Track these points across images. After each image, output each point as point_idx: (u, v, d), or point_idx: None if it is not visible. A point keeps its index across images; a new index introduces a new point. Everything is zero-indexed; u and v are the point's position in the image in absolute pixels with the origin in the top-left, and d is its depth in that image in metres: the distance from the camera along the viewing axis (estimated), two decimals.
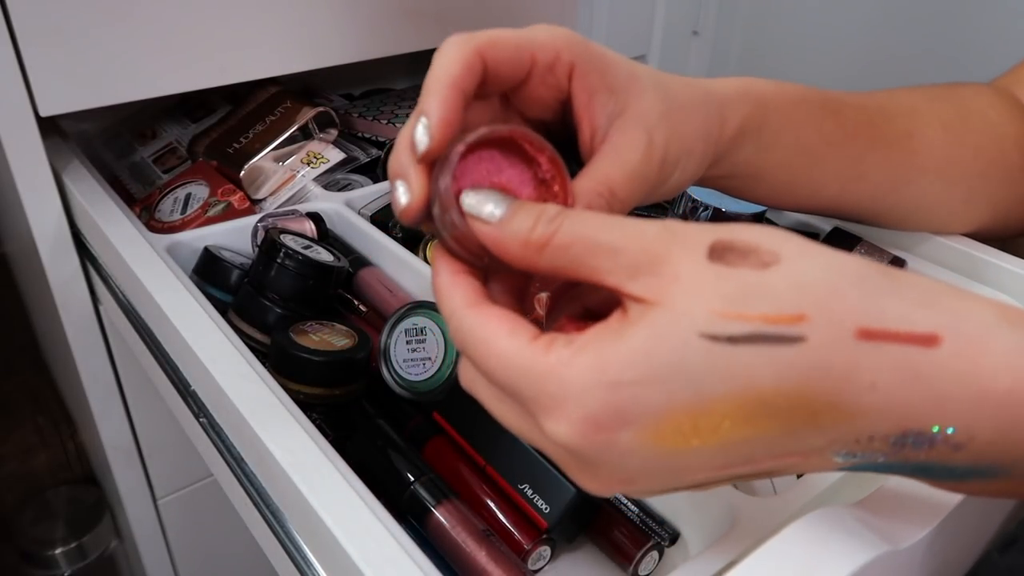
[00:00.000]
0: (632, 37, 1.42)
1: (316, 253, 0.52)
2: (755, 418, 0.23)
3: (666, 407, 0.23)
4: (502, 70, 0.30)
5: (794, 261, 0.23)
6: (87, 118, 0.79)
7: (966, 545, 0.38)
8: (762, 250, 0.24)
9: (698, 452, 0.23)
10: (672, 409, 0.23)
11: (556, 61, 0.31)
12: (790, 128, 0.39)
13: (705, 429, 0.23)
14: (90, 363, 0.67)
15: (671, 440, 0.23)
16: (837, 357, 0.22)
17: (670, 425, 0.23)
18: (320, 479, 0.35)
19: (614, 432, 0.23)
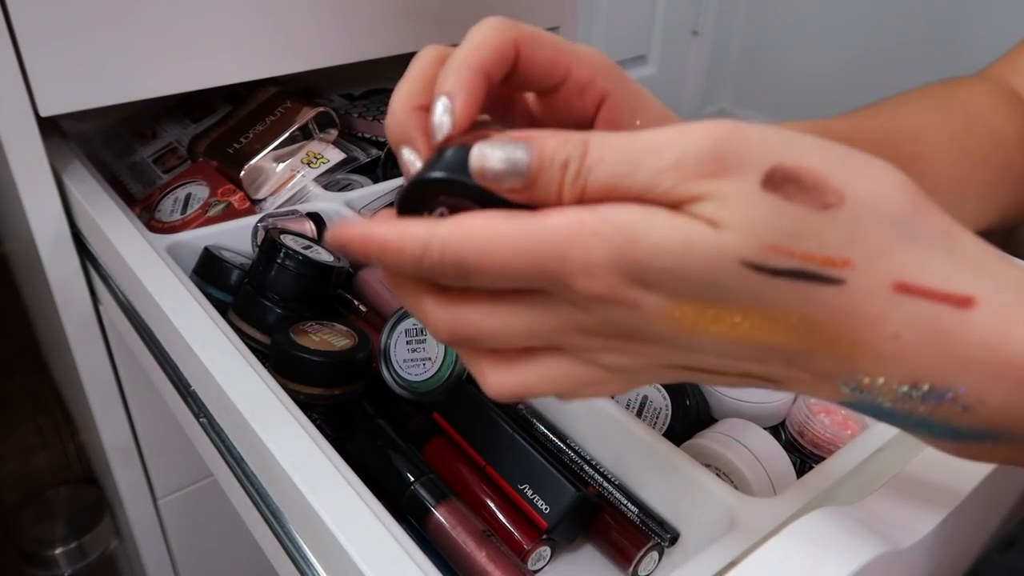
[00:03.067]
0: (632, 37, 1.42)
1: (316, 253, 0.52)
2: (776, 331, 0.24)
3: (690, 296, 0.23)
4: (533, 71, 0.29)
5: (857, 206, 0.23)
6: (87, 118, 0.79)
7: (966, 545, 0.38)
8: (829, 189, 0.23)
9: (715, 338, 0.24)
10: (696, 300, 0.23)
11: (590, 84, 0.30)
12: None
13: (725, 321, 0.23)
14: (90, 363, 0.67)
15: (691, 319, 0.23)
16: (870, 305, 0.23)
17: (693, 309, 0.23)
18: (320, 479, 0.35)
19: (640, 291, 0.23)
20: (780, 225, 0.22)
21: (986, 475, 0.33)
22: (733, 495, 0.36)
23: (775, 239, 0.22)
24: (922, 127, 0.46)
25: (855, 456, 0.38)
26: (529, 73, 0.29)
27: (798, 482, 0.37)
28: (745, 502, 0.36)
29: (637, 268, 0.23)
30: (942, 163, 0.46)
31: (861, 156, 0.24)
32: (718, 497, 0.36)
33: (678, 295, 0.23)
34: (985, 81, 0.52)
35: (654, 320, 0.24)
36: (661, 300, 0.23)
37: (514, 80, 0.29)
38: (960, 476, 0.33)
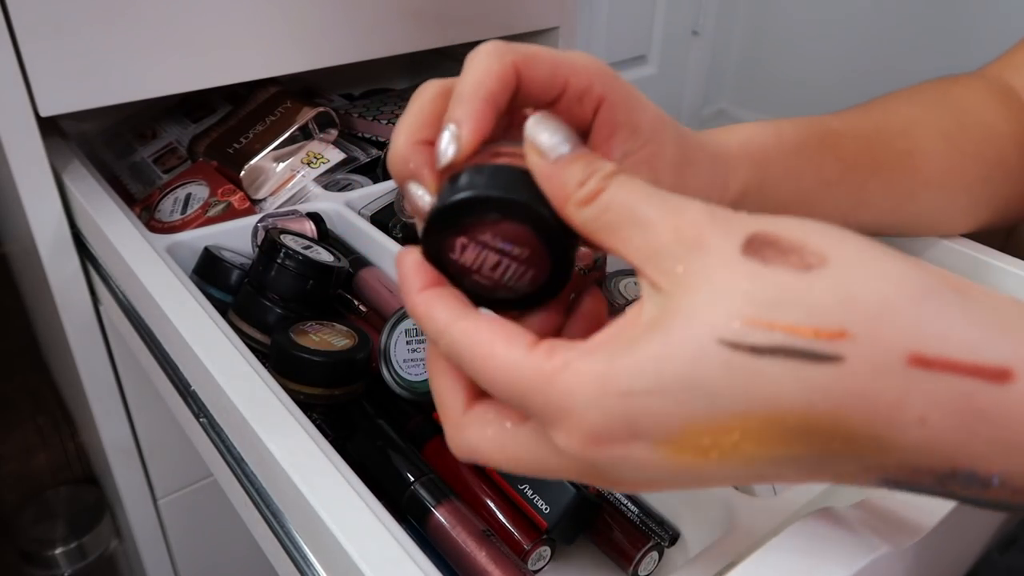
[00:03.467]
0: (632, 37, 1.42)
1: (316, 253, 0.52)
2: (780, 440, 0.21)
3: (681, 421, 0.21)
4: (533, 89, 0.29)
5: (844, 268, 0.20)
6: (87, 118, 0.79)
7: (966, 545, 0.38)
8: (807, 250, 0.21)
9: (720, 465, 0.21)
10: (688, 423, 0.21)
11: (587, 91, 0.30)
12: (789, 179, 0.39)
13: (725, 446, 0.21)
14: (90, 363, 0.67)
15: (689, 454, 0.21)
16: (881, 385, 0.20)
17: (687, 439, 0.21)
18: (320, 479, 0.35)
19: (625, 445, 0.21)
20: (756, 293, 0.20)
21: None
22: (733, 495, 0.36)
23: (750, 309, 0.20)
24: (913, 124, 0.46)
25: None
26: (530, 91, 0.29)
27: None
28: (745, 502, 0.36)
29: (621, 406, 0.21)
30: (933, 159, 0.46)
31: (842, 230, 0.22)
32: (718, 497, 0.36)
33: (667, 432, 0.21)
34: (981, 79, 0.51)
35: (648, 468, 0.22)
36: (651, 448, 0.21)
37: (516, 100, 0.29)
38: None
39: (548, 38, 0.87)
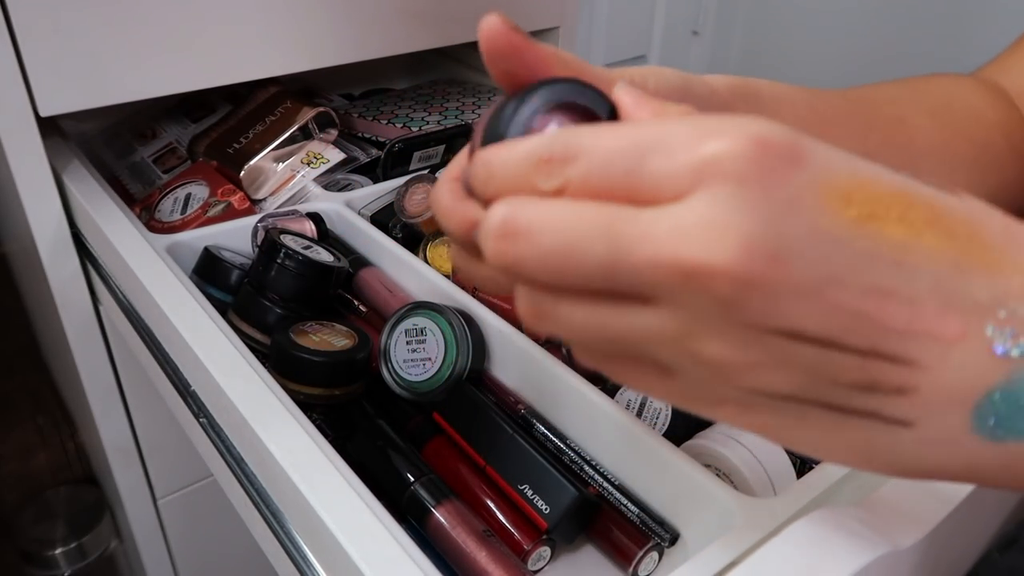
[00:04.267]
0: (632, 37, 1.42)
1: (316, 253, 0.52)
2: (923, 224, 0.20)
3: (838, 163, 0.20)
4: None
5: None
6: (87, 118, 0.79)
7: (966, 545, 0.38)
8: None
9: (859, 239, 0.20)
10: (843, 168, 0.20)
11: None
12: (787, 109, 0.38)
13: (873, 211, 0.20)
14: (90, 363, 0.67)
15: (838, 200, 0.20)
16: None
17: (841, 182, 0.20)
18: (320, 479, 0.35)
19: (787, 164, 0.20)
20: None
21: None
22: (733, 495, 0.36)
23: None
24: (898, 99, 0.45)
25: None
26: None
27: (798, 482, 0.37)
28: (745, 502, 0.36)
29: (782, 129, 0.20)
30: (923, 132, 0.44)
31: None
32: (718, 497, 0.36)
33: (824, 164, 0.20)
34: (971, 77, 0.51)
35: (800, 200, 0.20)
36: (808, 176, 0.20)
37: None
38: None
39: (548, 38, 0.87)
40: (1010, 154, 0.49)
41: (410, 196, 0.62)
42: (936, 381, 0.21)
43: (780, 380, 0.21)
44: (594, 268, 0.20)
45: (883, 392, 0.21)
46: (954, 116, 0.47)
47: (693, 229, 0.19)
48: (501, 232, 0.21)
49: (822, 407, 0.21)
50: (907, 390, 0.21)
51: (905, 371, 0.20)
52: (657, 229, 0.20)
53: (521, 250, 0.21)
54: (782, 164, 0.20)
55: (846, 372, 0.21)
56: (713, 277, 0.19)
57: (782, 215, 0.19)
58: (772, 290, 0.19)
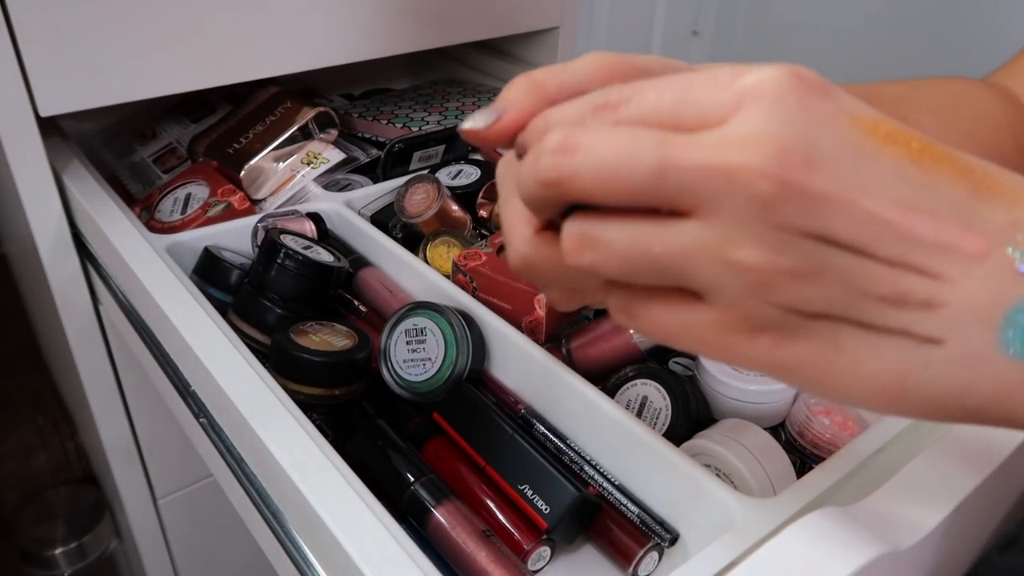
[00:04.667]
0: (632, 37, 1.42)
1: (316, 253, 0.52)
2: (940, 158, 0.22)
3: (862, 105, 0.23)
4: None
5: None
6: (87, 118, 0.79)
7: (966, 545, 0.38)
8: None
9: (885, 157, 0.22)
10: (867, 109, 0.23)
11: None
12: None
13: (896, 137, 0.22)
14: (90, 363, 0.67)
15: (865, 126, 0.22)
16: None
17: (865, 115, 0.22)
18: (320, 479, 0.35)
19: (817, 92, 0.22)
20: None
21: (986, 475, 0.33)
22: (733, 495, 0.36)
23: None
24: (903, 98, 0.45)
25: (855, 456, 0.38)
26: None
27: (798, 482, 0.37)
28: (745, 502, 0.36)
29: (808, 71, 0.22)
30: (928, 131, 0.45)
31: None
32: (718, 497, 0.36)
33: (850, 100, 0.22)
34: (981, 80, 0.51)
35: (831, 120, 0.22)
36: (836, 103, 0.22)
37: None
38: (960, 476, 0.33)
39: (548, 38, 0.87)
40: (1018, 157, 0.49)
41: (410, 196, 0.62)
42: (962, 296, 0.22)
43: (814, 291, 0.22)
44: (645, 175, 0.22)
45: (912, 306, 0.22)
46: (961, 118, 0.47)
47: (736, 139, 0.21)
48: (560, 146, 0.23)
49: (855, 326, 0.22)
50: (935, 304, 0.22)
51: (932, 284, 0.22)
52: (704, 141, 0.22)
53: (577, 161, 0.22)
54: (815, 91, 0.22)
55: (876, 283, 0.22)
56: (752, 176, 0.21)
57: (816, 128, 0.21)
58: (805, 192, 0.21)
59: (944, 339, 0.22)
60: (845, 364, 0.23)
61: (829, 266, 0.22)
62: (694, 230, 0.22)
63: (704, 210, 0.22)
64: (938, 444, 0.34)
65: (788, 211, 0.21)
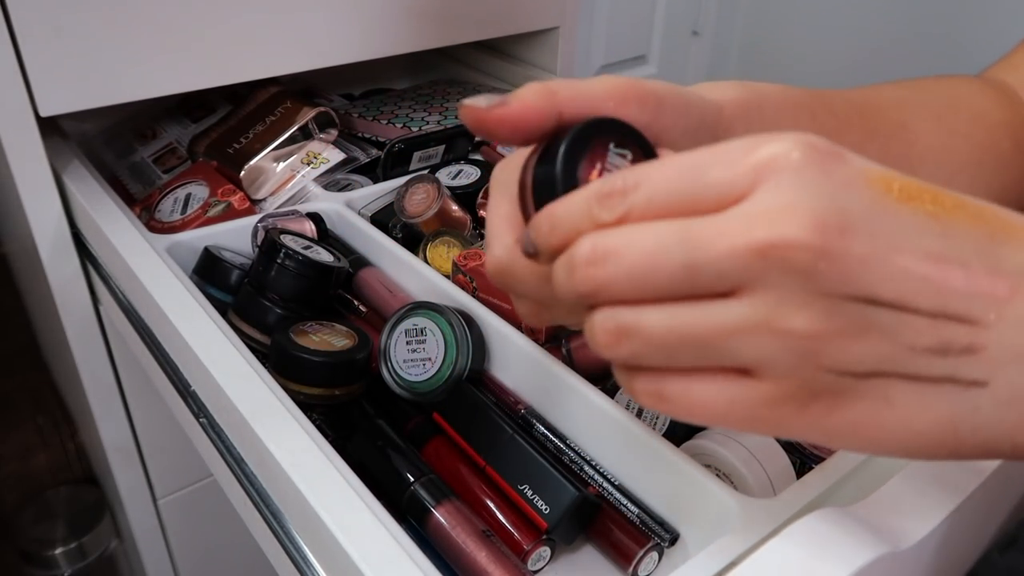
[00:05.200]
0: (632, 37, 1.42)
1: (316, 253, 0.52)
2: (954, 208, 0.23)
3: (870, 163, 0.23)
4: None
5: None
6: (87, 118, 0.79)
7: (966, 545, 0.38)
8: None
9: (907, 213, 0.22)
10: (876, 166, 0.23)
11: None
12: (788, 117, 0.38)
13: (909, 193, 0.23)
14: (90, 363, 0.67)
15: (881, 185, 0.23)
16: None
17: (878, 174, 0.23)
18: (320, 479, 0.35)
19: (833, 158, 0.22)
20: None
21: (986, 476, 0.33)
22: (733, 495, 0.36)
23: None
24: (902, 102, 0.45)
25: (855, 456, 0.38)
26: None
27: (798, 482, 0.37)
28: (745, 502, 0.36)
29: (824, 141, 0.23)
30: (925, 135, 0.45)
31: None
32: (718, 497, 0.36)
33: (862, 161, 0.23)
34: (979, 77, 0.51)
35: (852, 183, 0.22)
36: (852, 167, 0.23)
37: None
38: (960, 477, 0.33)
39: (548, 38, 0.87)
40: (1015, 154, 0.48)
41: (410, 196, 0.62)
42: (1000, 338, 0.22)
43: (864, 350, 0.22)
44: (677, 270, 0.22)
45: (955, 353, 0.23)
46: (958, 118, 0.47)
47: (764, 214, 0.21)
48: (590, 259, 0.23)
49: (904, 379, 0.23)
50: (976, 349, 0.23)
51: (971, 330, 0.22)
52: (729, 223, 0.22)
53: (609, 271, 0.23)
54: (830, 157, 0.22)
55: (921, 335, 0.22)
56: (791, 249, 0.21)
57: (842, 193, 0.22)
58: (845, 258, 0.21)
59: (988, 380, 0.23)
60: (898, 418, 0.23)
61: (875, 324, 0.22)
62: (738, 307, 0.22)
63: (745, 288, 0.22)
64: None
65: (832, 278, 0.21)
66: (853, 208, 0.22)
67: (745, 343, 0.22)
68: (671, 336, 0.23)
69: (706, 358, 0.23)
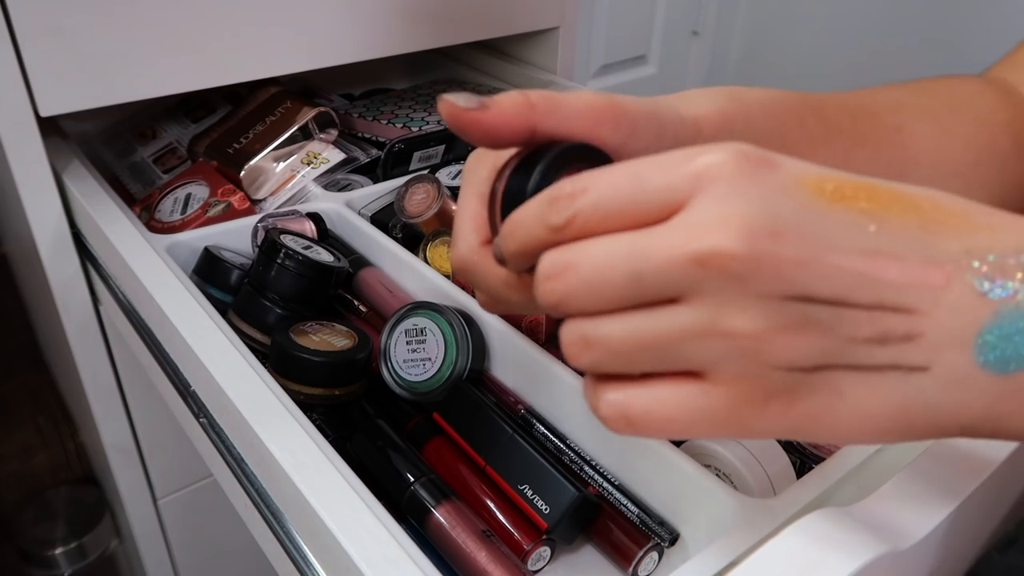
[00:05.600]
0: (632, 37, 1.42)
1: (316, 253, 0.52)
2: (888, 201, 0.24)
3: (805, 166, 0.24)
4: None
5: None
6: (87, 118, 0.79)
7: (966, 545, 0.38)
8: None
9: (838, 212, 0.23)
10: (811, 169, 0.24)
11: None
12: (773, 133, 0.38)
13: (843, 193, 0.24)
14: (90, 363, 0.67)
15: (812, 188, 0.24)
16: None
17: (811, 177, 0.24)
18: (320, 479, 0.35)
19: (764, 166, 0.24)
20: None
21: (986, 475, 0.33)
22: (733, 495, 0.36)
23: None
24: (899, 104, 0.45)
25: (855, 456, 0.38)
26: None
27: (798, 482, 0.37)
28: (745, 502, 0.36)
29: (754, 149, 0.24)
30: (921, 139, 0.45)
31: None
32: (718, 497, 0.36)
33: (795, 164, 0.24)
34: (981, 77, 0.51)
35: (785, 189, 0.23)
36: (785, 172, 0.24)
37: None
38: (960, 476, 0.33)
39: (548, 38, 0.87)
40: (1015, 155, 0.48)
41: (410, 196, 0.62)
42: (936, 325, 0.24)
43: (807, 345, 0.23)
44: (624, 283, 0.24)
45: (895, 341, 0.24)
46: (956, 120, 0.47)
47: (699, 225, 0.23)
48: (549, 273, 0.25)
49: (850, 370, 0.24)
50: (914, 335, 0.24)
51: (908, 319, 0.23)
52: (668, 236, 0.23)
53: (569, 283, 0.24)
54: (762, 165, 0.24)
55: (860, 327, 0.23)
56: (724, 259, 0.22)
57: (772, 199, 0.23)
58: (777, 262, 0.23)
59: (929, 365, 0.24)
60: (851, 407, 0.24)
61: (815, 320, 0.23)
62: (685, 313, 0.23)
63: (689, 295, 0.23)
64: (938, 444, 0.34)
65: (765, 281, 0.23)
66: (783, 212, 0.23)
67: (695, 346, 0.24)
68: (627, 343, 0.24)
69: (663, 363, 0.24)
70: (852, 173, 0.25)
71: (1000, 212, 0.25)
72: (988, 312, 0.23)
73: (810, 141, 0.40)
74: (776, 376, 0.24)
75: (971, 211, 0.25)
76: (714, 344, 0.23)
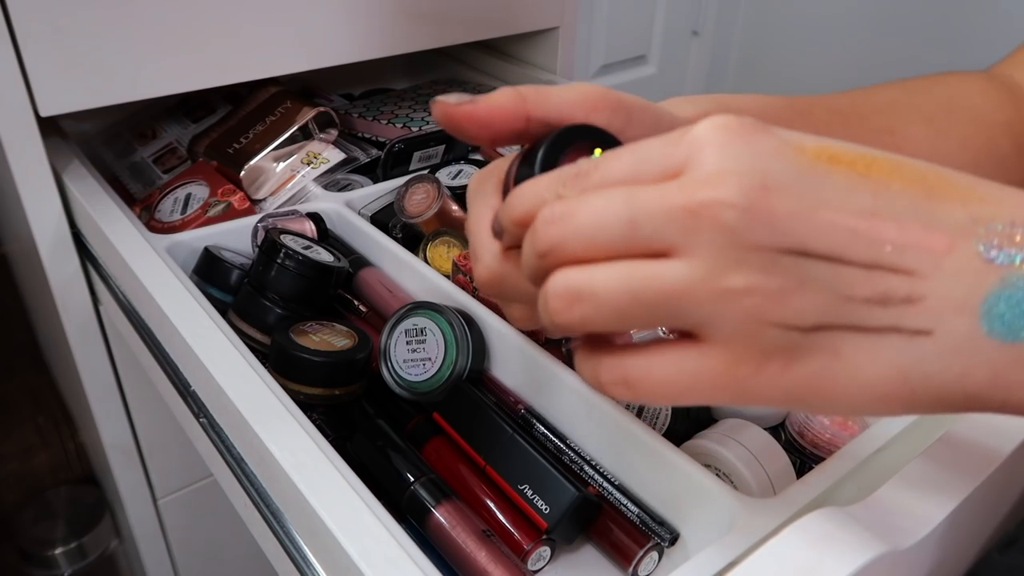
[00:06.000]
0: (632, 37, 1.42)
1: (316, 253, 0.52)
2: (890, 170, 0.24)
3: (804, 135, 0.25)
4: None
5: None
6: (87, 118, 0.79)
7: (966, 545, 0.38)
8: None
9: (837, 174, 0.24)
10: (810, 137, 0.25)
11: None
12: None
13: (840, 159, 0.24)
14: (90, 363, 0.67)
15: (810, 154, 0.24)
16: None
17: (809, 144, 0.24)
18: (320, 479, 0.35)
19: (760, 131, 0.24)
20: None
21: (987, 475, 0.33)
22: (733, 495, 0.36)
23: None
24: (893, 105, 0.45)
25: (855, 456, 0.38)
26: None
27: (798, 482, 0.37)
28: (745, 502, 0.36)
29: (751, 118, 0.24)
30: (916, 138, 0.44)
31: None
32: (718, 497, 0.36)
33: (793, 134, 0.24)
34: (985, 73, 0.51)
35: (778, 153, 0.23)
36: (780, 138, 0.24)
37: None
38: (960, 476, 0.33)
39: (548, 38, 0.87)
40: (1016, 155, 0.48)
41: (410, 196, 0.62)
42: (939, 289, 0.23)
43: (804, 302, 0.23)
44: (620, 229, 0.24)
45: (896, 303, 0.23)
46: (953, 120, 0.46)
47: (695, 181, 0.23)
48: (548, 219, 0.25)
49: (849, 330, 0.23)
50: (915, 298, 0.23)
51: (909, 281, 0.23)
52: (667, 189, 0.23)
53: (565, 227, 0.24)
54: (756, 130, 0.24)
55: (858, 286, 0.23)
56: (718, 207, 0.22)
57: (764, 158, 0.23)
58: (771, 213, 0.23)
59: (932, 329, 0.23)
60: (849, 371, 0.24)
61: (811, 276, 0.23)
62: (679, 267, 0.23)
63: (682, 249, 0.23)
64: (938, 444, 0.34)
65: (759, 232, 0.22)
66: (777, 170, 0.23)
67: (689, 303, 0.23)
68: (619, 293, 0.24)
69: (655, 319, 0.24)
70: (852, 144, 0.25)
71: (1008, 187, 0.24)
72: (994, 278, 0.23)
73: None
74: (773, 334, 0.23)
75: (978, 184, 0.24)
76: (709, 301, 0.23)
